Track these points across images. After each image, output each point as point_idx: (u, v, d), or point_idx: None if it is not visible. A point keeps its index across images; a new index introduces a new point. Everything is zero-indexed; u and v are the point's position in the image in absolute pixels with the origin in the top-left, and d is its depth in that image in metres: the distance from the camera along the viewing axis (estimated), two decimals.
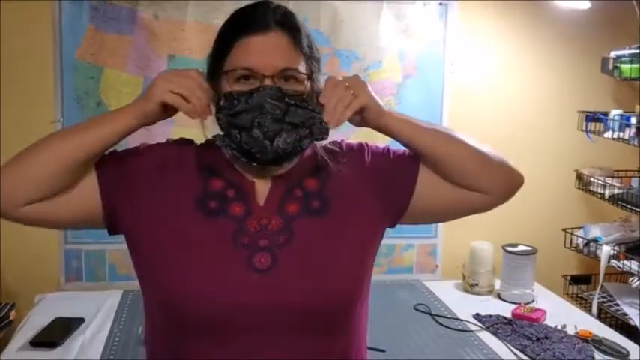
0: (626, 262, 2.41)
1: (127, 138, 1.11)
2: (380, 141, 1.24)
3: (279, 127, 1.06)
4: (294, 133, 1.07)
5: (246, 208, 1.12)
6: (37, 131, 1.11)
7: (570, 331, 2.14)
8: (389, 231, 1.23)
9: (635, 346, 2.07)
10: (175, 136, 1.22)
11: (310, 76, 1.11)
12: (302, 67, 1.10)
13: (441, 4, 2.59)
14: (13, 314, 2.24)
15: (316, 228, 1.12)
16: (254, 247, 1.09)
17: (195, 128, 1.20)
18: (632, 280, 2.39)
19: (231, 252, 1.08)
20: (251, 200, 1.13)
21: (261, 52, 1.07)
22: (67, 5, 2.36)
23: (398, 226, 1.22)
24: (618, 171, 2.68)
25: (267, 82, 1.07)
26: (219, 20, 1.18)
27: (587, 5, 2.45)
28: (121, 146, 1.15)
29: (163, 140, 1.21)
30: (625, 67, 2.44)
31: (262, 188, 1.14)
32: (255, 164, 1.10)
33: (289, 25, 1.10)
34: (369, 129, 1.16)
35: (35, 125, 2.33)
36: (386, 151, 1.21)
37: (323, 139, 1.11)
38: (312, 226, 1.12)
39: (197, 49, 2.38)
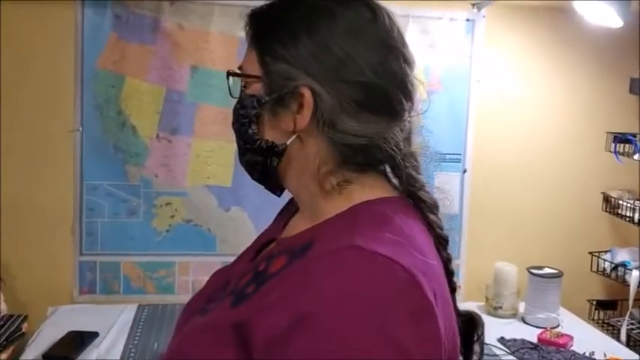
0: None
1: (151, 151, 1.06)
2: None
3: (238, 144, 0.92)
4: (249, 154, 0.89)
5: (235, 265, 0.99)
6: (57, 139, 1.06)
7: (599, 357, 2.06)
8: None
9: None
10: (195, 147, 1.16)
11: (257, 77, 0.87)
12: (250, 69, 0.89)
13: (468, 20, 2.55)
14: (25, 326, 2.19)
15: (221, 314, 0.80)
16: (200, 309, 0.89)
17: (213, 140, 1.15)
18: None
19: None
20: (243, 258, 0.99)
21: None
22: (89, 13, 2.33)
23: None
24: None
25: None
26: (243, 32, 1.09)
27: (619, 23, 2.38)
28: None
29: (184, 151, 1.16)
30: None
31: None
32: None
33: (250, 23, 0.93)
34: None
35: (54, 133, 2.31)
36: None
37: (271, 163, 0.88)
38: (220, 311, 0.81)
39: (220, 60, 2.31)
